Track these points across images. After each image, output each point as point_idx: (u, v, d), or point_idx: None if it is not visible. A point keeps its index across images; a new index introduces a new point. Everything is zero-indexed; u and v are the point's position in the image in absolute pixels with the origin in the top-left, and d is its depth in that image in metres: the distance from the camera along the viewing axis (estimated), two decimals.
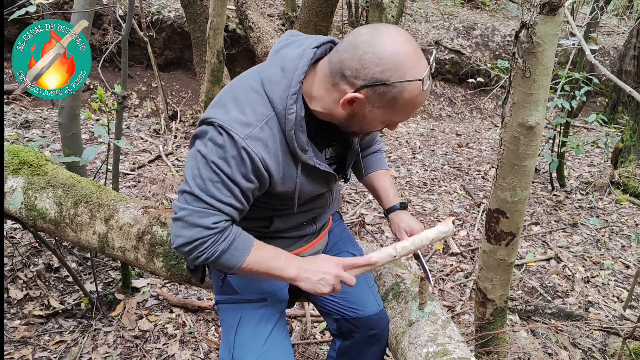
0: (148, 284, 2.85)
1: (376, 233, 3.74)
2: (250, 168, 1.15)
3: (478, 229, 3.95)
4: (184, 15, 6.01)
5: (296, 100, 1.15)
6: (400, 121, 1.23)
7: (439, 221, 4.02)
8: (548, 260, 3.55)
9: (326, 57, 1.18)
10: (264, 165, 1.16)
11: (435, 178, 5.10)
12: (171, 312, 2.68)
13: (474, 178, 5.20)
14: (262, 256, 1.26)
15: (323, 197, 1.45)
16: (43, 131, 4.90)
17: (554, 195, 4.77)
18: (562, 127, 4.57)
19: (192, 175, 1.16)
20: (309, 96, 1.20)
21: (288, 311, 2.58)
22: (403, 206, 1.63)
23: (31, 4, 2.38)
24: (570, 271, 3.37)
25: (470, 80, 7.18)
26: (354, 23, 8.73)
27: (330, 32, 7.29)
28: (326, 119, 1.22)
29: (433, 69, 1.16)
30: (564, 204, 4.59)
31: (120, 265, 2.72)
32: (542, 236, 3.92)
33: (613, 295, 3.14)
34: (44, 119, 5.26)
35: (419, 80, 1.09)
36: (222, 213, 1.17)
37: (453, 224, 1.41)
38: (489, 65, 8.18)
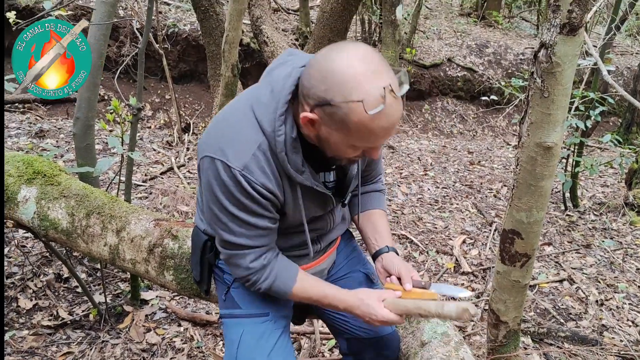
0: (157, 296, 2.84)
1: None
2: (257, 196, 1.15)
3: (490, 248, 3.90)
4: (199, 28, 6.07)
5: (285, 122, 1.11)
6: (368, 147, 1.12)
7: (450, 239, 3.99)
8: (561, 281, 3.49)
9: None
10: (267, 190, 1.16)
11: (447, 195, 5.06)
12: (179, 325, 2.66)
13: (486, 196, 5.16)
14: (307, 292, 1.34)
15: (323, 220, 1.41)
16: (57, 141, 4.94)
17: (567, 215, 4.71)
18: (576, 147, 4.53)
19: (214, 221, 1.23)
20: (298, 117, 1.14)
21: (297, 328, 2.56)
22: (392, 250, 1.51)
23: (50, 15, 2.41)
24: (584, 293, 3.31)
25: (483, 97, 7.16)
26: (367, 39, 8.78)
27: None
28: (310, 141, 1.18)
29: (404, 92, 1.04)
30: (577, 225, 4.52)
31: (129, 276, 2.72)
32: (554, 257, 3.86)
33: (628, 319, 3.07)
34: (59, 128, 5.31)
35: (359, 101, 0.98)
36: (255, 248, 1.23)
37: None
38: (502, 83, 8.16)
